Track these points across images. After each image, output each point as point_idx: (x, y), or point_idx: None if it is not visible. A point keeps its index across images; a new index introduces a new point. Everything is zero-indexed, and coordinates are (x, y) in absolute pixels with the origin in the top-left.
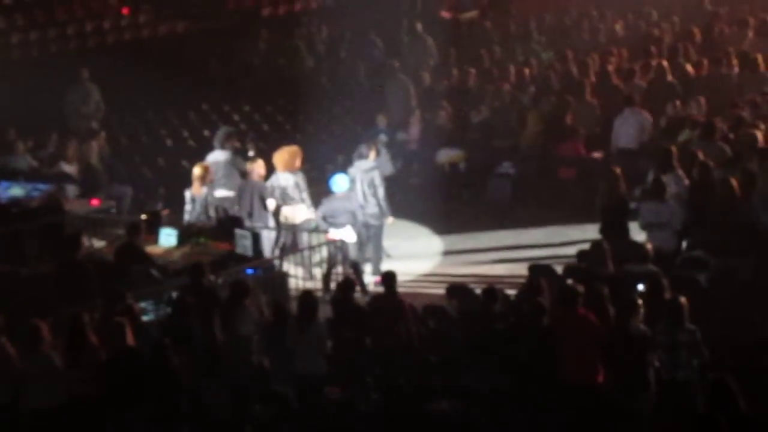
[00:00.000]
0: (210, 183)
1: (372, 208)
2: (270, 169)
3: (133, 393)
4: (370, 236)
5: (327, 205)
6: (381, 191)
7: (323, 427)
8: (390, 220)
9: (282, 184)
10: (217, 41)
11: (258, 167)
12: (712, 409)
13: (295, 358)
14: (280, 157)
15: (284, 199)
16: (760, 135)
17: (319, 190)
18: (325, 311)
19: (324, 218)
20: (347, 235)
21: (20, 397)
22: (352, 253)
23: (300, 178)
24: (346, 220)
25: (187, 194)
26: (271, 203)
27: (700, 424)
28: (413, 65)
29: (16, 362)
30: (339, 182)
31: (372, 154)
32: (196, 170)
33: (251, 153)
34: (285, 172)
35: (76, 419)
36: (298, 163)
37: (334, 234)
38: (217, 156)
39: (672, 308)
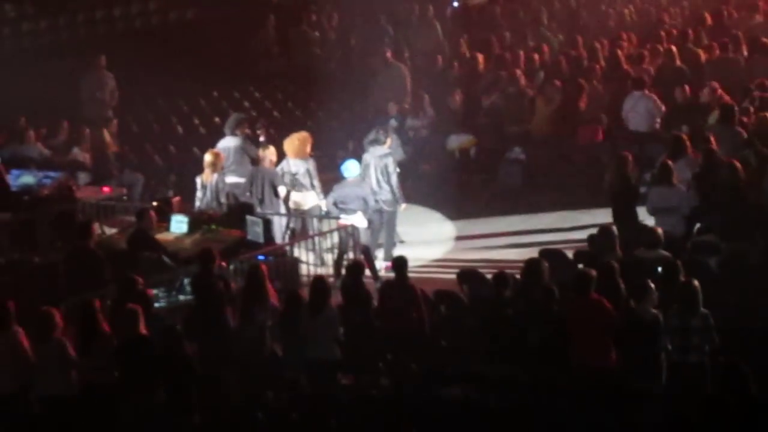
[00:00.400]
0: (221, 170)
1: (385, 195)
2: (281, 156)
3: (146, 380)
4: (384, 222)
5: (338, 191)
6: (394, 177)
7: (335, 413)
8: (403, 206)
9: (292, 171)
10: (228, 28)
11: (270, 154)
12: (724, 393)
13: (308, 345)
14: (291, 143)
15: (294, 185)
16: None
17: (329, 177)
18: (337, 297)
19: (335, 204)
20: (358, 221)
21: (31, 386)
22: (363, 239)
23: (311, 165)
24: (357, 206)
25: (198, 181)
26: (282, 190)
27: (708, 406)
28: (424, 50)
29: (28, 351)
30: (350, 168)
31: (388, 141)
32: (207, 157)
33: (262, 139)
34: (295, 159)
35: (88, 407)
36: (308, 149)
37: (346, 220)
38: (228, 142)
39: (686, 292)
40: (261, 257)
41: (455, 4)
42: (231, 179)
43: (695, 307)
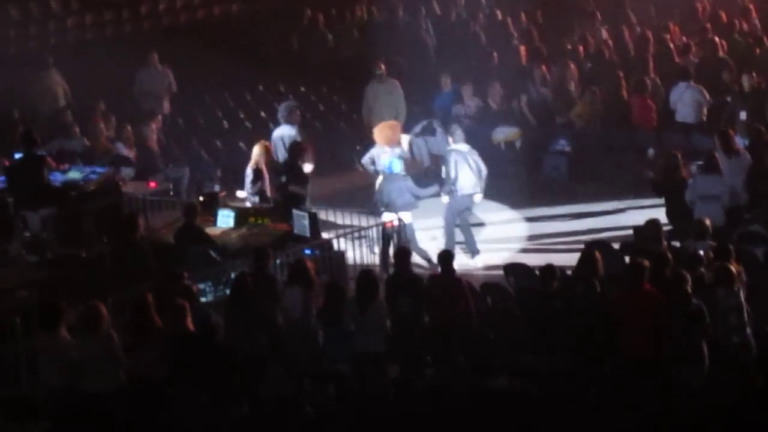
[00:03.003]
0: (262, 161)
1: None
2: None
3: (194, 373)
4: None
5: (385, 186)
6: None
7: (381, 405)
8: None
9: (381, 158)
10: (273, 22)
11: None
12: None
13: (355, 338)
14: (381, 131)
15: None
16: None
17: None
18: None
19: (383, 202)
20: (406, 217)
21: (80, 381)
22: (410, 234)
23: (401, 152)
24: (403, 201)
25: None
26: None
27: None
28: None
29: (74, 348)
30: (395, 164)
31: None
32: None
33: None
34: (385, 146)
35: (137, 400)
36: (398, 137)
37: (391, 217)
38: (283, 131)
39: (722, 273)
40: (307, 251)
41: None
42: None
43: (732, 287)
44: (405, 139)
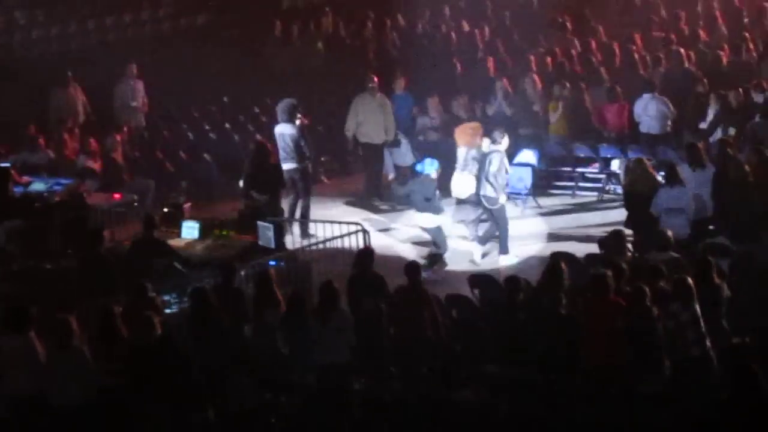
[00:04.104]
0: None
1: (489, 192)
2: None
3: (157, 383)
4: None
5: (410, 186)
6: (501, 176)
7: (347, 417)
8: (503, 198)
9: (460, 158)
10: (238, 33)
11: None
12: (736, 392)
13: (318, 349)
14: (463, 132)
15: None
16: None
17: (341, 180)
18: None
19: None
20: (426, 220)
21: (49, 393)
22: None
23: (476, 154)
24: (423, 204)
25: None
26: None
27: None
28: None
29: (43, 356)
30: (428, 165)
31: (505, 140)
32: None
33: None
34: (464, 146)
35: (104, 412)
36: (478, 138)
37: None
38: (283, 129)
39: (682, 288)
40: (272, 262)
41: None
42: (288, 166)
43: (690, 302)
44: (486, 142)
